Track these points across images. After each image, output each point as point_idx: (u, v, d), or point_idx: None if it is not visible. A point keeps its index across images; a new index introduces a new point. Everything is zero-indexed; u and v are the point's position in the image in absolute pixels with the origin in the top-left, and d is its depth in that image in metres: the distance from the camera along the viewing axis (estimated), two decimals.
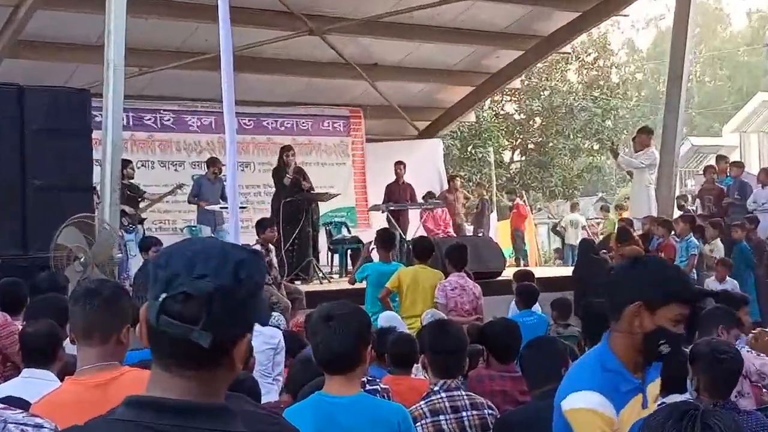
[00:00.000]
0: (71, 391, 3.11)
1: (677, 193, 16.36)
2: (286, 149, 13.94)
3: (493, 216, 20.84)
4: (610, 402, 2.75)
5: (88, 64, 14.16)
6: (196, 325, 1.66)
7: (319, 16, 15.65)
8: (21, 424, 2.03)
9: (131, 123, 16.03)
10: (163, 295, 1.68)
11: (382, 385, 4.57)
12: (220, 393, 1.75)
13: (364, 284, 9.61)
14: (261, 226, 10.72)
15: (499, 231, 20.59)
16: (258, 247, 10.20)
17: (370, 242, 10.92)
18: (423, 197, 16.74)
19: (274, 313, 7.47)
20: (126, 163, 13.03)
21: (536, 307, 8.97)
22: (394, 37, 16.61)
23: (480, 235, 18.51)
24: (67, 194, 9.53)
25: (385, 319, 7.43)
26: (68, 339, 3.52)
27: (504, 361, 5.39)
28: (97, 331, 3.15)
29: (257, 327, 1.75)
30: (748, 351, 5.57)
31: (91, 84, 12.05)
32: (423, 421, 4.25)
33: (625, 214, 17.91)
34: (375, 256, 10.73)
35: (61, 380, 3.51)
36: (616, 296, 2.90)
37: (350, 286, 10.07)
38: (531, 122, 33.02)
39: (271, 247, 10.77)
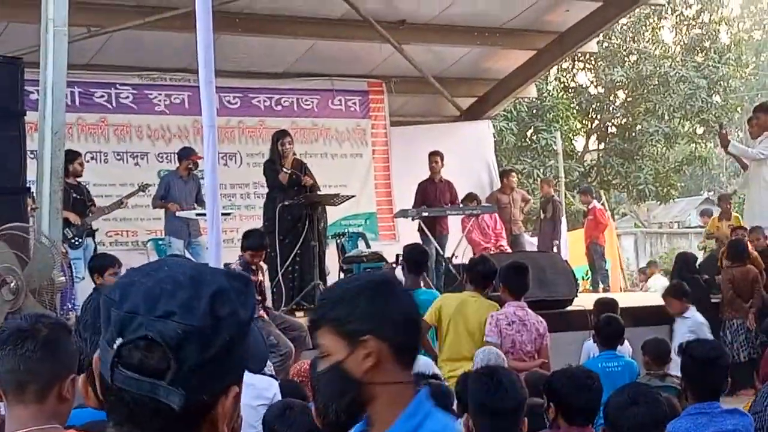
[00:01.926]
0: None
1: None
2: (280, 135, 13.93)
3: (562, 224, 20.77)
4: None
5: (19, 24, 14.24)
6: (161, 379, 1.65)
7: None
8: None
9: (78, 102, 16.12)
10: (119, 341, 1.67)
11: None
12: None
13: None
14: (245, 239, 10.77)
15: (570, 244, 20.53)
16: (238, 267, 10.27)
17: (394, 261, 10.88)
18: (462, 200, 16.69)
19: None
20: (73, 156, 13.10)
21: (623, 348, 8.91)
22: None
23: (555, 247, 18.50)
24: None
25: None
26: None
27: (578, 422, 5.34)
28: (33, 385, 3.14)
29: (246, 375, 1.75)
30: None
31: (25, 50, 12.09)
32: None
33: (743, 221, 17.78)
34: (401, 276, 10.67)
35: None
36: None
37: None
38: (612, 98, 32.95)
39: (263, 266, 10.78)
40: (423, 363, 7.72)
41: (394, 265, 10.77)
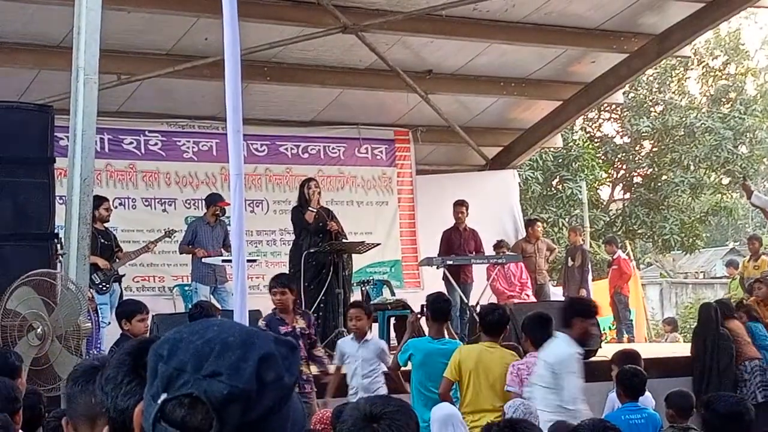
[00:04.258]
0: None
1: None
2: (306, 180, 14.07)
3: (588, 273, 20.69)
4: None
5: (50, 71, 14.38)
6: None
7: (356, 8, 15.75)
8: None
9: (107, 148, 16.23)
10: (163, 396, 1.66)
11: None
12: None
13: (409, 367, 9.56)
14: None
15: (594, 294, 20.43)
16: (262, 323, 10.20)
17: (419, 312, 10.86)
18: (493, 247, 16.71)
19: None
20: (99, 201, 13.13)
21: (645, 400, 8.85)
22: (454, 35, 16.67)
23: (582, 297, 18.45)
24: (20, 244, 9.59)
25: (441, 419, 7.41)
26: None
27: None
28: (103, 417, 3.20)
29: None
30: None
31: (55, 97, 12.19)
32: None
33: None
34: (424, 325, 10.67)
35: None
36: None
37: (393, 369, 10.00)
38: (638, 148, 32.92)
39: (309, 313, 10.85)
40: (447, 414, 7.71)
41: (419, 315, 10.74)
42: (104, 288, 13.26)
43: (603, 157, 31.86)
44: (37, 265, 8.92)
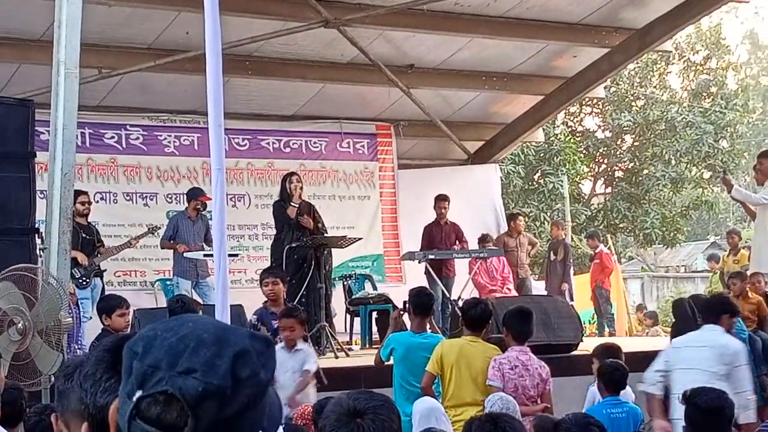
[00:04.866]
0: None
1: None
2: (288, 176, 14.02)
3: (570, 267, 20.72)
4: None
5: (31, 65, 14.32)
6: None
7: (337, 2, 15.76)
8: None
9: (88, 143, 16.18)
10: (138, 394, 1.66)
11: None
12: None
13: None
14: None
15: (576, 288, 20.49)
16: (253, 318, 10.11)
17: (402, 308, 10.84)
18: (478, 240, 16.74)
19: None
20: (75, 195, 13.00)
21: (626, 393, 8.86)
22: (436, 30, 16.67)
23: (567, 291, 18.48)
24: (0, 238, 9.56)
25: (423, 412, 7.40)
26: None
27: None
28: None
29: None
30: None
31: (36, 91, 12.15)
32: None
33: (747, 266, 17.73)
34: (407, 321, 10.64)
35: None
36: None
37: (377, 364, 9.97)
38: (619, 142, 32.99)
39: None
40: (429, 407, 7.71)
41: (402, 312, 10.70)
42: (84, 282, 13.20)
43: (584, 152, 31.94)
44: (17, 259, 8.88)
